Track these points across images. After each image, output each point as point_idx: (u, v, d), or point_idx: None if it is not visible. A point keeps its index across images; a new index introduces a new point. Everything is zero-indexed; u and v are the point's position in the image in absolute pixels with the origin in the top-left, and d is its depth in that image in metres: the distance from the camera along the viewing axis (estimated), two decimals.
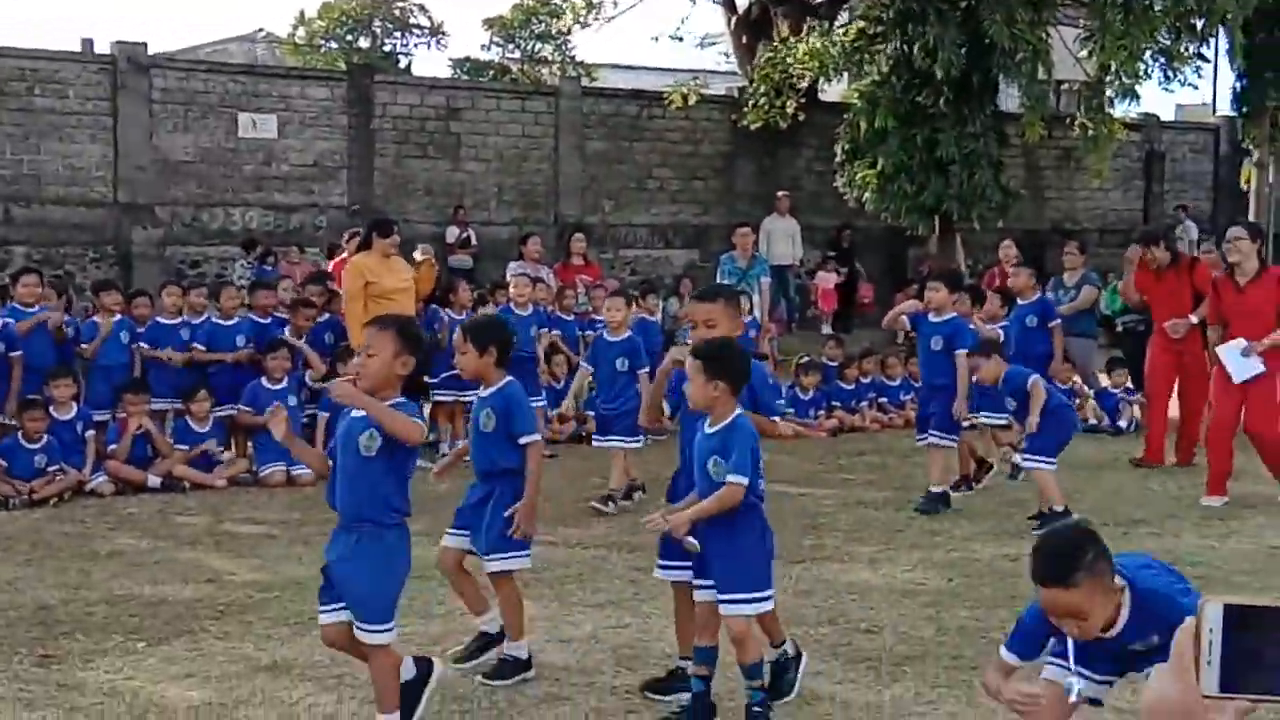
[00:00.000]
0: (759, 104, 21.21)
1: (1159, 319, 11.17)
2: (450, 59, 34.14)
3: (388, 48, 36.98)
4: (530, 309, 11.84)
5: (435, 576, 7.23)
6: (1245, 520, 8.76)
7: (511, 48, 36.94)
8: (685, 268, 22.16)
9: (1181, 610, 3.57)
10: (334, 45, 35.37)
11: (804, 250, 21.12)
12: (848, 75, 21.18)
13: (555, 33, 35.29)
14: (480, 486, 5.68)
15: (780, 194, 20.60)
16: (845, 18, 21.87)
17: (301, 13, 39.62)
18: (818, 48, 20.10)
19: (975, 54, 18.14)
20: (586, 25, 26.57)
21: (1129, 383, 13.22)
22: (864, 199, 19.37)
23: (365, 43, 36.07)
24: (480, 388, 5.74)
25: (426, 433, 5.72)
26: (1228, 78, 24.15)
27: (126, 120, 19.19)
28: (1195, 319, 10.79)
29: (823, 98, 23.26)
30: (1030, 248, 17.96)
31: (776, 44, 21.30)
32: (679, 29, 47.96)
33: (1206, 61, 21.58)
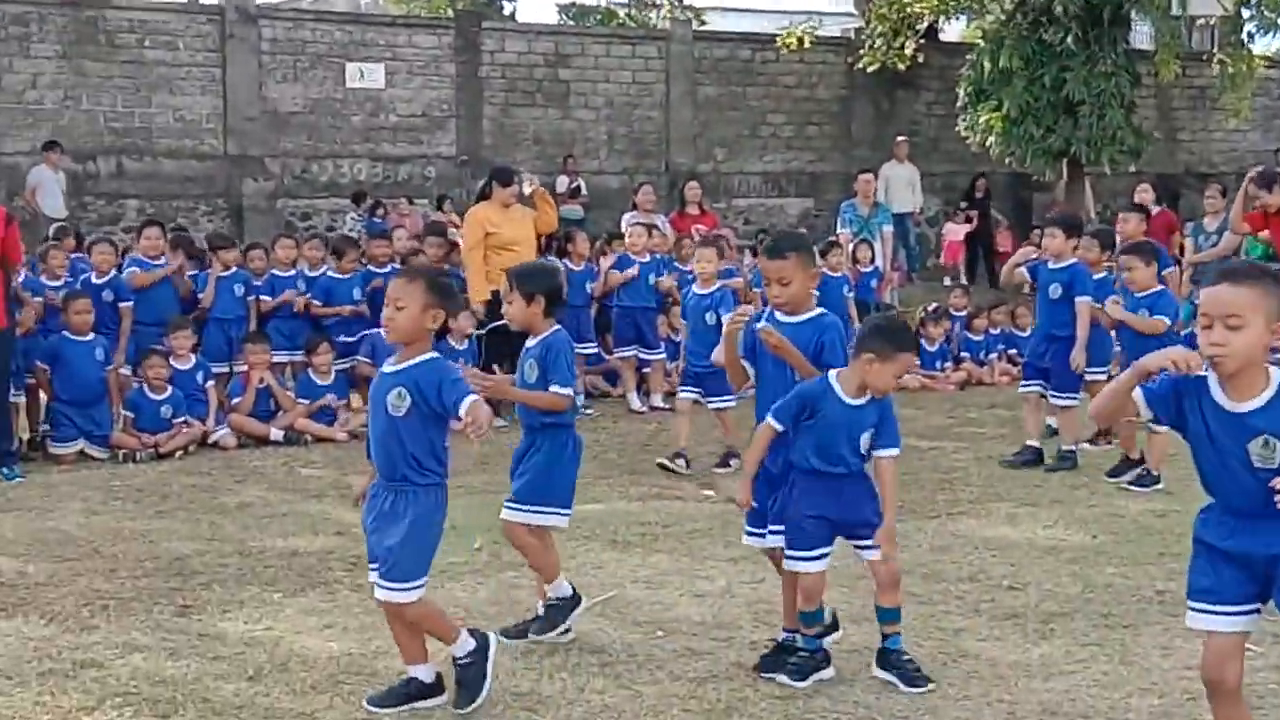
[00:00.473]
0: (875, 45, 20.56)
1: None
2: (557, 3, 33.69)
3: None
4: (647, 257, 11.56)
5: (565, 530, 6.98)
6: None
7: None
8: (800, 217, 21.66)
9: None
10: None
11: (924, 198, 20.46)
12: (968, 14, 20.48)
13: None
14: (523, 440, 5.54)
15: (899, 139, 19.95)
16: None
17: None
18: None
19: None
20: None
21: None
22: (988, 143, 18.74)
23: None
24: (529, 338, 5.50)
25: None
26: None
27: (235, 71, 19.12)
28: None
29: (942, 38, 22.55)
30: (1163, 192, 17.22)
31: None
32: None
33: None
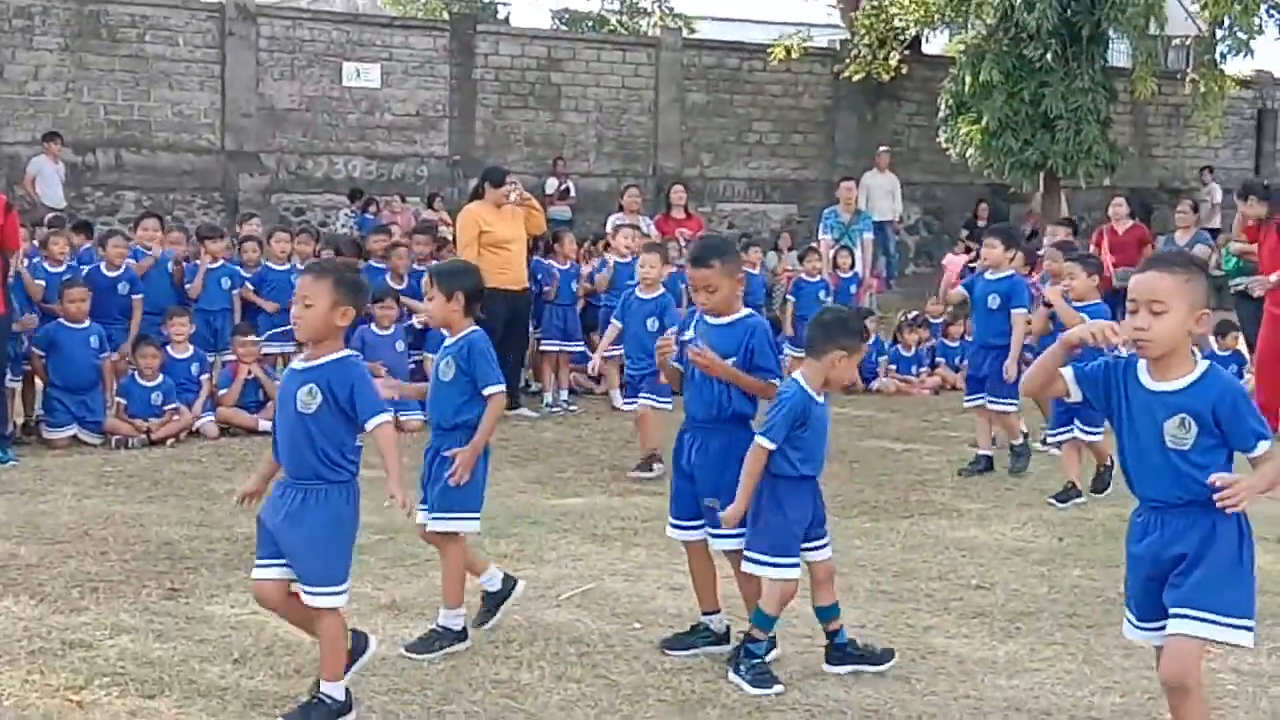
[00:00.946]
0: (861, 56, 20.98)
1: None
2: (550, 8, 34.08)
3: None
4: (633, 259, 11.88)
5: (545, 522, 7.38)
6: None
7: None
8: (783, 222, 22.07)
9: None
10: None
11: (904, 207, 20.89)
12: (952, 27, 20.89)
13: None
14: (433, 442, 5.44)
15: (881, 149, 20.39)
16: None
17: None
18: None
19: (1083, 6, 17.80)
20: None
21: (1240, 346, 12.96)
22: (967, 155, 19.13)
23: None
24: (448, 336, 5.45)
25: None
26: None
27: (234, 68, 19.47)
28: (1275, 278, 10.34)
29: (926, 50, 22.95)
30: (1137, 206, 17.65)
31: None
32: None
33: None
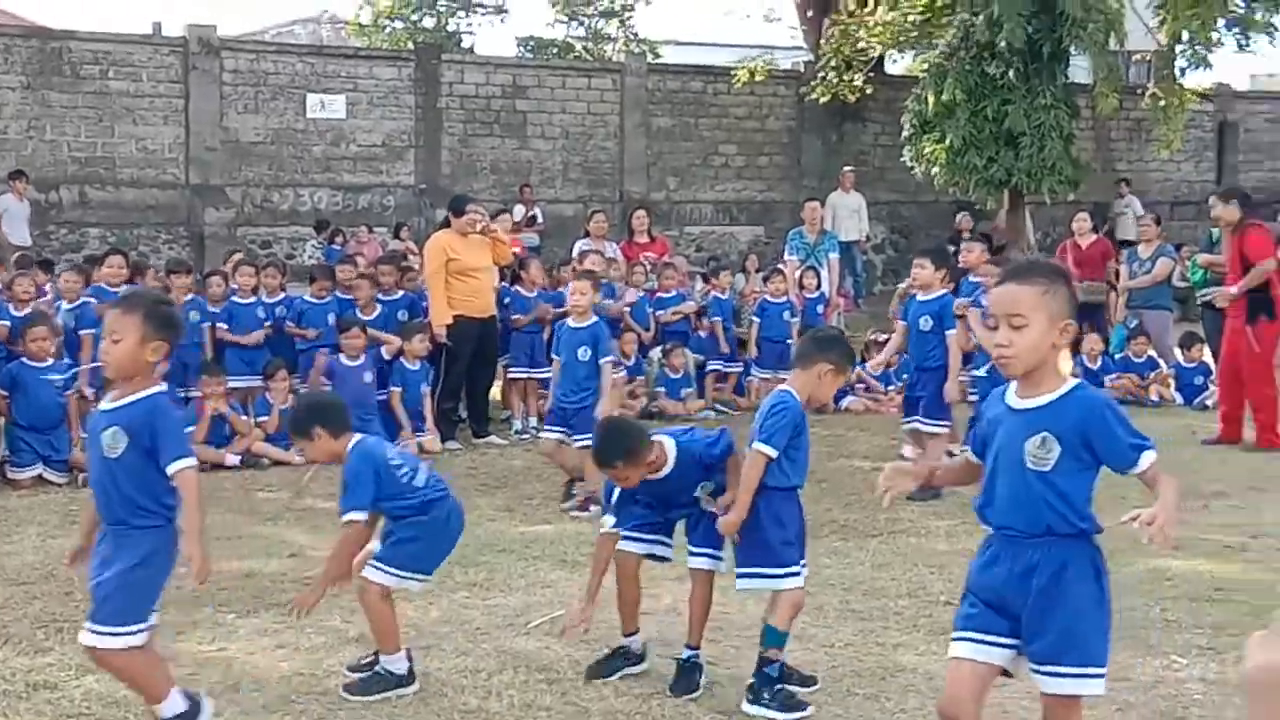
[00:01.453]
0: (827, 78, 21.09)
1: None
2: (515, 37, 34.19)
3: (451, 27, 37.05)
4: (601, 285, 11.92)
5: (514, 549, 7.36)
6: None
7: (575, 24, 36.91)
8: (750, 244, 22.12)
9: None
10: (399, 25, 35.48)
11: (870, 226, 20.99)
12: (916, 48, 21.02)
13: (619, 7, 35.26)
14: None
15: (846, 169, 20.50)
16: None
17: None
18: (889, 20, 19.94)
19: (1044, 24, 17.94)
20: (650, 1, 26.47)
21: (1205, 357, 13.06)
22: (932, 173, 19.23)
23: (429, 22, 36.15)
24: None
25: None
26: None
27: (198, 102, 19.44)
28: (1237, 290, 10.32)
29: (889, 70, 23.10)
30: (1100, 220, 17.78)
31: (846, 16, 21.15)
32: (744, 9, 47.69)
33: (1277, 30, 21.18)
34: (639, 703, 5.01)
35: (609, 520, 5.16)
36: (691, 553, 5.25)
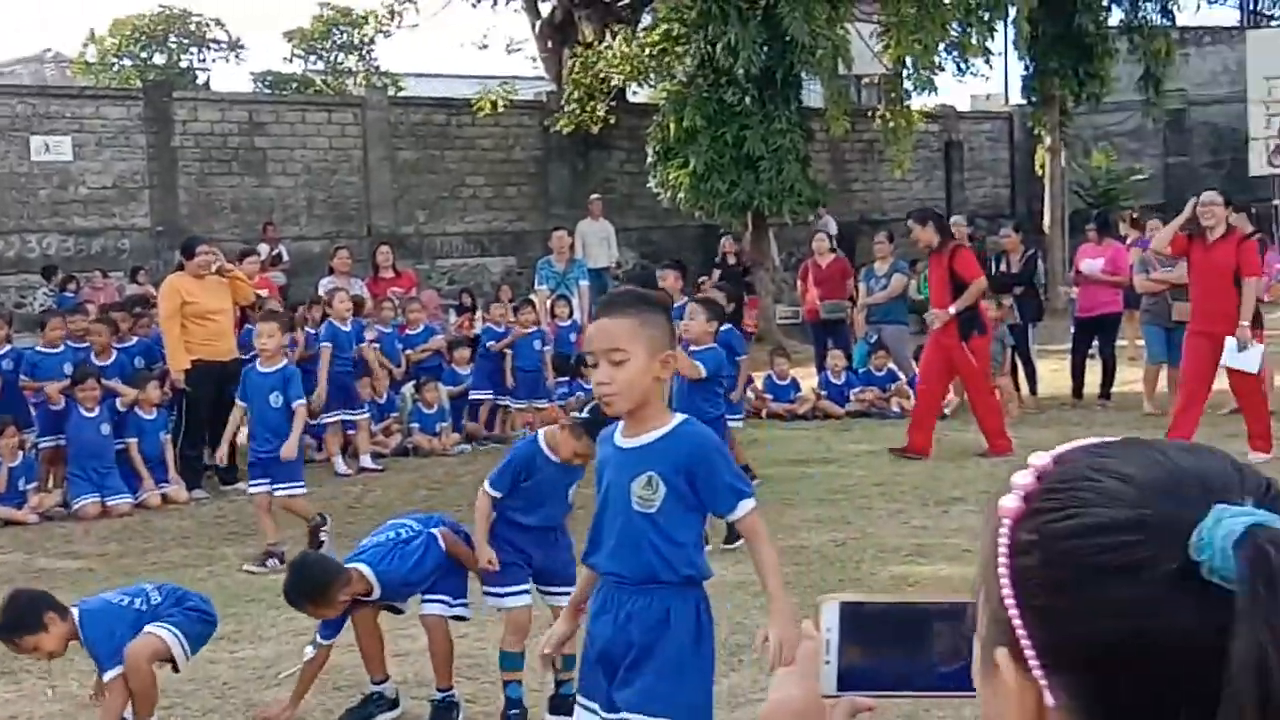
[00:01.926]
0: (570, 109, 21.27)
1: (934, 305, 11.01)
2: (251, 73, 33.44)
3: (184, 64, 36.03)
4: (350, 325, 11.73)
5: (265, 599, 7.13)
6: None
7: (314, 59, 36.36)
8: (503, 275, 22.10)
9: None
10: (127, 63, 34.30)
11: (620, 252, 21.22)
12: (655, 77, 21.37)
13: (359, 40, 34.87)
14: None
15: (593, 197, 20.70)
16: (649, 20, 22.06)
17: (92, 31, 38.36)
18: (626, 51, 20.23)
19: (777, 51, 18.48)
20: (389, 34, 26.30)
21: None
22: (677, 199, 19.57)
23: (160, 59, 35.06)
24: None
25: None
26: (1018, 67, 25.02)
27: None
28: (954, 310, 10.58)
29: (631, 99, 23.42)
30: (840, 239, 18.37)
31: (585, 49, 21.38)
32: (485, 37, 47.76)
33: (994, 54, 22.35)
34: None
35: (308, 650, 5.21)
36: (423, 600, 5.26)
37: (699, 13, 18.51)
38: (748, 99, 18.68)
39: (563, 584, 5.06)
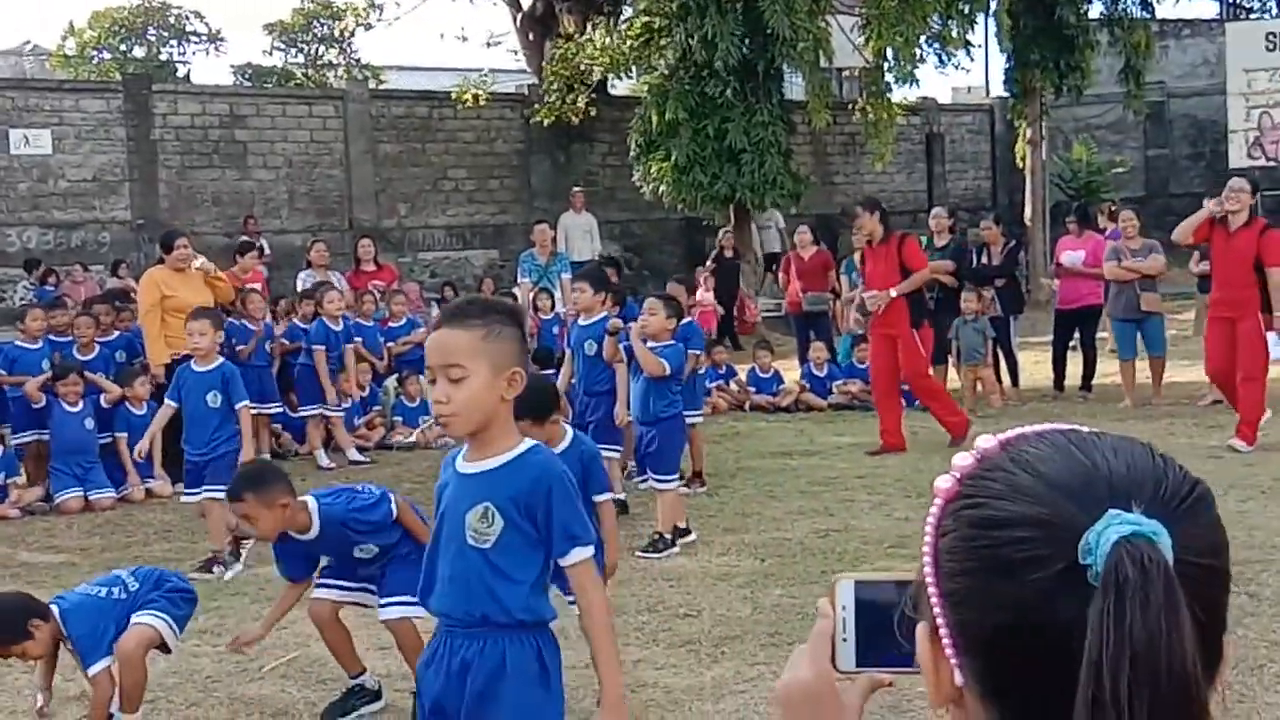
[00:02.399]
0: (550, 101, 21.25)
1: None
2: (231, 65, 33.33)
3: (164, 56, 35.87)
4: (341, 322, 11.70)
5: (248, 592, 7.11)
6: None
7: (294, 52, 36.24)
8: (485, 268, 22.09)
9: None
10: (107, 56, 34.14)
11: (603, 245, 21.22)
12: (636, 69, 21.37)
13: (339, 34, 34.77)
14: None
15: (575, 190, 20.69)
16: (629, 12, 22.05)
17: (71, 23, 38.21)
18: (607, 43, 20.22)
19: (758, 44, 18.49)
20: (370, 26, 26.24)
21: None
22: (659, 192, 19.58)
23: (140, 52, 34.91)
24: None
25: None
26: (999, 60, 25.07)
27: None
28: (895, 292, 10.53)
29: (613, 92, 23.41)
30: (823, 232, 18.39)
31: (565, 41, 21.36)
32: (464, 30, 47.64)
33: (975, 46, 22.40)
34: None
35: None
36: (382, 605, 5.16)
37: (679, 5, 18.51)
38: (729, 92, 18.68)
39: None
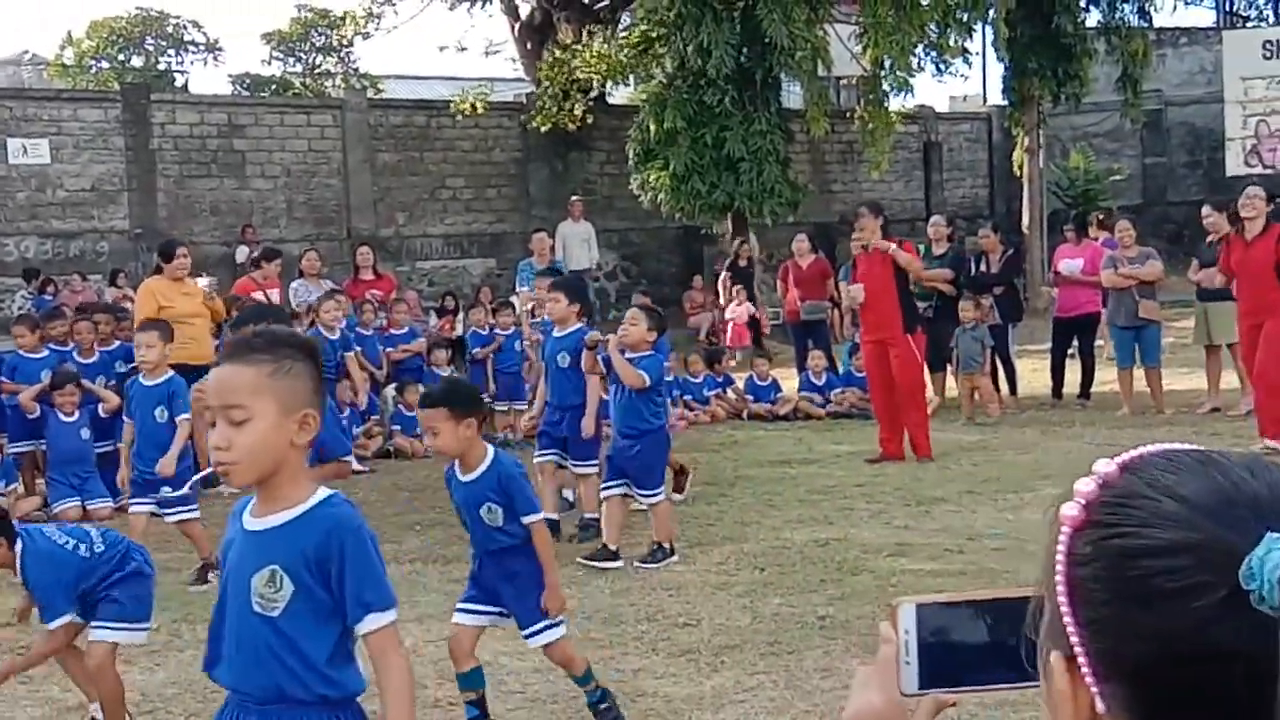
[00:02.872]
0: (546, 107, 21.27)
1: None
2: (229, 75, 33.36)
3: (162, 66, 35.89)
4: (339, 331, 11.67)
5: None
6: (1039, 491, 9.09)
7: (292, 62, 36.26)
8: (483, 277, 22.08)
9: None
10: (105, 65, 34.15)
11: (601, 254, 21.22)
12: (634, 78, 21.40)
13: (337, 42, 34.80)
14: None
15: (573, 198, 20.70)
16: (627, 21, 22.09)
17: (69, 33, 38.20)
18: (603, 52, 20.24)
19: (755, 53, 18.51)
20: (368, 36, 26.25)
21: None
22: (658, 200, 19.59)
23: (138, 61, 34.92)
24: None
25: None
26: (996, 68, 25.11)
27: None
28: (892, 248, 10.54)
29: (611, 101, 23.43)
30: (821, 240, 18.40)
31: (561, 49, 21.38)
32: (461, 41, 47.69)
33: (972, 55, 22.42)
34: None
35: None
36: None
37: (676, 14, 18.54)
38: (727, 100, 18.72)
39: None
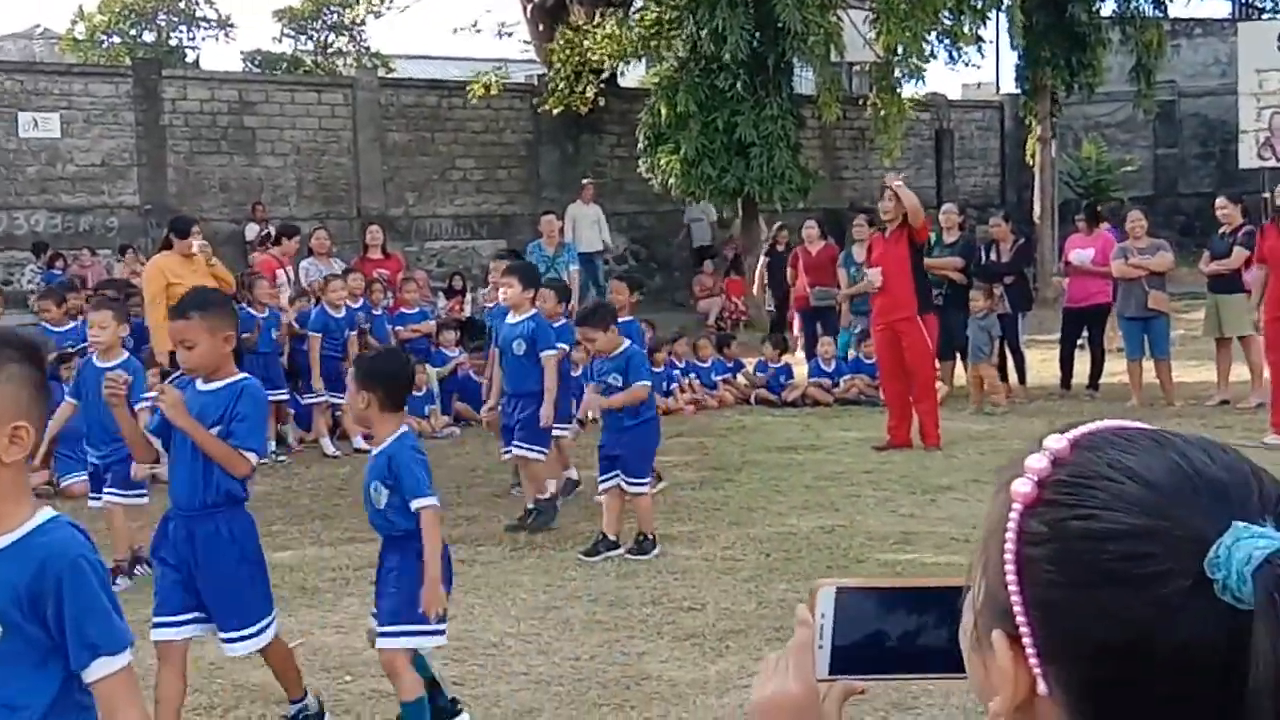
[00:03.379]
0: (558, 89, 21.23)
1: None
2: (241, 52, 33.32)
3: (174, 41, 35.86)
4: (344, 310, 11.71)
5: None
6: None
7: (304, 39, 36.21)
8: (492, 258, 22.02)
9: None
10: (116, 40, 34.12)
11: (611, 237, 21.20)
12: (646, 61, 21.35)
13: (349, 21, 34.75)
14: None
15: (584, 181, 20.66)
16: (640, 3, 22.02)
17: (80, 7, 38.21)
18: (615, 33, 20.19)
19: (768, 38, 18.45)
20: (380, 14, 26.19)
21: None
22: (668, 184, 19.55)
23: (150, 37, 34.89)
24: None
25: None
26: (1010, 56, 25.02)
27: None
28: (900, 183, 10.74)
29: (622, 83, 23.38)
30: (830, 226, 18.36)
31: (573, 30, 21.33)
32: (476, 23, 47.72)
33: (986, 42, 22.32)
34: None
35: None
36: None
37: None
38: (739, 85, 18.66)
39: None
